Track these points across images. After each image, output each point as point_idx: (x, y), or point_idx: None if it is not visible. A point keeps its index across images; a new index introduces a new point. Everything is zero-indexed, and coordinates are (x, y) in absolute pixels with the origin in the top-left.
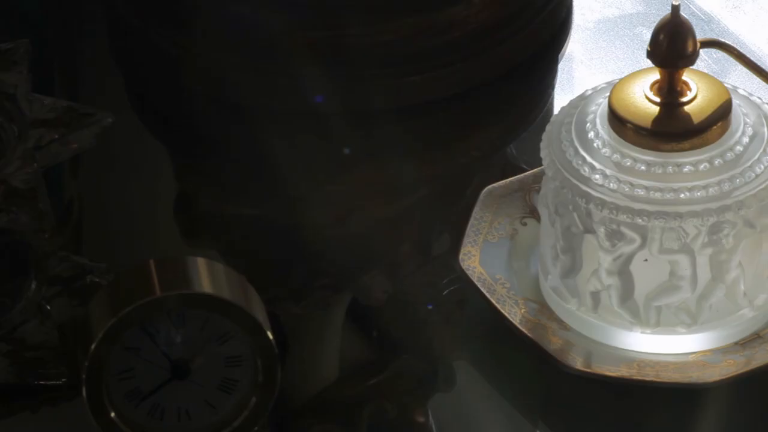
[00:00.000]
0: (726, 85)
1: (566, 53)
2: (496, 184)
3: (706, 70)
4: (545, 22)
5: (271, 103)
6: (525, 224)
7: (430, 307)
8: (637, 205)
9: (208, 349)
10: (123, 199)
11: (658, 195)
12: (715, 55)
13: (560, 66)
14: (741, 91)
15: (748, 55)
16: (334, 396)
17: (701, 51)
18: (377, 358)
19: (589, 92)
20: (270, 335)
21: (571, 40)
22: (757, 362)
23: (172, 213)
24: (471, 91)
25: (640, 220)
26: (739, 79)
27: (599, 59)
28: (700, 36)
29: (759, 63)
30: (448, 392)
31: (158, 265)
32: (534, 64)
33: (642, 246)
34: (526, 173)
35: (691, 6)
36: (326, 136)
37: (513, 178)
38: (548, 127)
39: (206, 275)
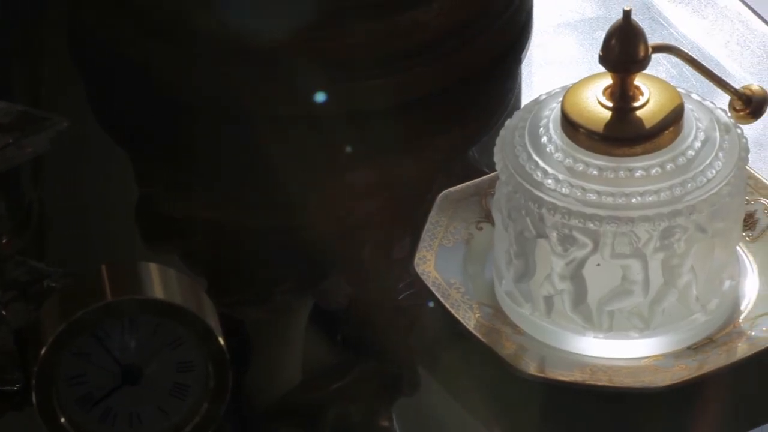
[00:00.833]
0: (679, 89)
1: (528, 57)
2: (452, 189)
3: (665, 74)
4: (506, 26)
5: (231, 106)
6: (481, 229)
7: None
8: (588, 210)
9: (159, 354)
10: (84, 204)
11: (609, 200)
12: (674, 59)
13: (522, 70)
14: (694, 96)
15: (699, 60)
16: (299, 400)
17: (661, 55)
18: (341, 361)
19: (543, 97)
20: (221, 341)
21: (532, 44)
22: (709, 366)
23: (133, 218)
24: (432, 95)
25: (591, 225)
26: (699, 83)
27: (560, 63)
28: (657, 40)
29: (710, 67)
30: (412, 396)
31: (110, 270)
32: (495, 68)
33: (594, 251)
34: (482, 177)
35: (650, 10)
36: (288, 139)
37: (469, 182)
38: (502, 132)
39: (158, 281)
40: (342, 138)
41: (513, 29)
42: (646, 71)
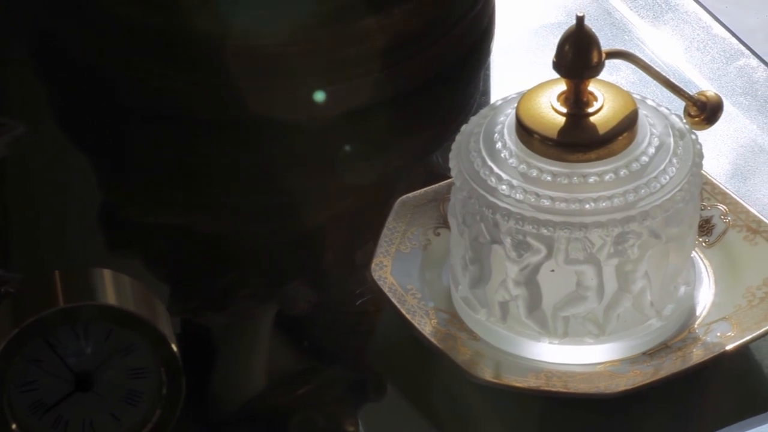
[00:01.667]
0: (634, 95)
1: (492, 62)
2: (410, 194)
3: (625, 80)
4: (467, 31)
5: (192, 112)
6: (438, 234)
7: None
8: (542, 216)
9: (112, 361)
10: (47, 210)
11: (563, 205)
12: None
13: (483, 75)
14: (649, 102)
15: (658, 65)
16: (263, 405)
17: (622, 60)
18: (306, 367)
19: (499, 102)
20: (174, 347)
21: (495, 49)
22: (664, 372)
23: (96, 223)
24: (393, 100)
25: (545, 231)
26: (660, 88)
27: (524, 68)
28: (619, 46)
29: (670, 73)
30: (378, 402)
31: (63, 276)
32: (457, 73)
33: (548, 256)
34: (440, 183)
35: (611, 15)
36: (248, 145)
37: (427, 188)
38: (458, 137)
39: (111, 287)
40: (302, 143)
41: (474, 34)
42: (601, 77)
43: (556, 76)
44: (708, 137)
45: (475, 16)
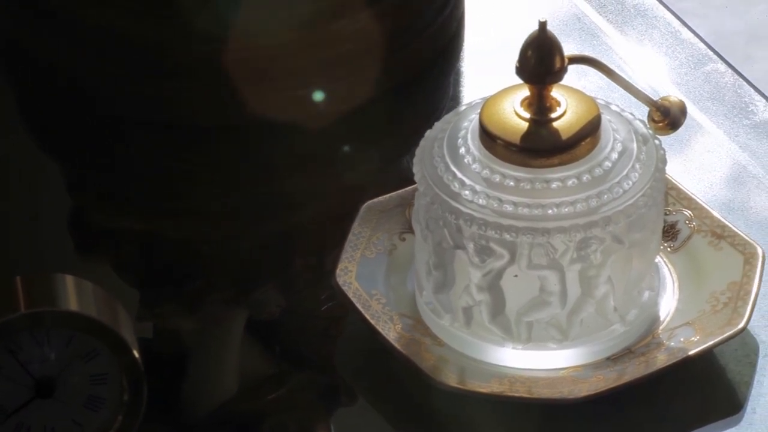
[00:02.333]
0: (598, 100)
1: (459, 67)
2: (375, 200)
3: (593, 85)
4: (436, 36)
5: (159, 117)
6: (404, 239)
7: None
8: (505, 221)
9: (73, 366)
10: (15, 216)
11: (526, 211)
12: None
13: (453, 79)
14: (613, 107)
15: (625, 71)
16: (233, 411)
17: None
18: (277, 372)
19: (463, 107)
20: (136, 354)
21: (464, 54)
22: (628, 377)
23: (65, 228)
24: (362, 105)
25: (508, 236)
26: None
27: (494, 73)
28: (588, 52)
29: (639, 78)
30: (349, 406)
31: (25, 281)
32: (425, 79)
33: (511, 262)
34: (406, 188)
35: (581, 21)
36: (219, 150)
37: (393, 193)
38: (422, 143)
39: (73, 293)
40: (272, 148)
41: (443, 38)
42: (569, 82)
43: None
44: (674, 142)
45: (443, 20)
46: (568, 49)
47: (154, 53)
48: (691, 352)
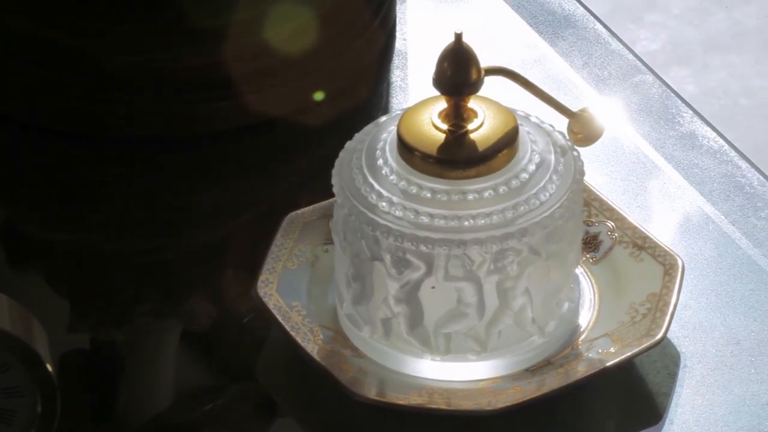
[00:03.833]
0: (518, 112)
1: (390, 79)
2: (299, 211)
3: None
4: (366, 47)
5: (87, 129)
6: (326, 251)
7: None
8: (421, 233)
9: None
10: None
11: (442, 222)
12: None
13: (385, 90)
14: (533, 118)
15: (553, 81)
16: (168, 423)
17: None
18: (213, 383)
19: (383, 119)
20: (49, 367)
21: (397, 65)
22: (546, 388)
23: None
24: (293, 115)
25: (424, 248)
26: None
27: (426, 84)
28: (518, 62)
29: (568, 89)
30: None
31: None
32: (357, 89)
33: (428, 273)
34: (330, 199)
35: (512, 31)
36: (143, 162)
37: (316, 204)
38: (341, 154)
39: None
40: (198, 159)
41: (373, 51)
42: (500, 92)
43: None
44: (600, 153)
45: (373, 32)
46: (498, 60)
47: (79, 64)
48: (609, 364)
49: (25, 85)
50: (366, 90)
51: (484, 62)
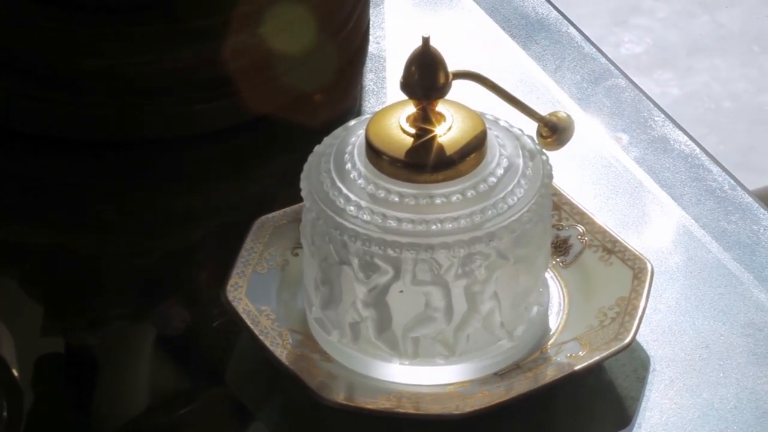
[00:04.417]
0: (487, 116)
1: (363, 82)
2: (269, 215)
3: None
4: (339, 49)
5: (59, 132)
6: (297, 255)
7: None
8: (389, 237)
9: None
10: None
11: (409, 226)
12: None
13: (359, 93)
14: (502, 122)
15: (522, 85)
16: (141, 427)
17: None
18: (186, 388)
19: (352, 123)
20: (15, 372)
21: (368, 70)
22: (515, 392)
23: None
24: (266, 119)
25: (392, 252)
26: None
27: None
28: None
29: (540, 93)
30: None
31: None
32: (331, 92)
33: (396, 277)
34: (300, 204)
35: (484, 34)
36: (115, 165)
37: (287, 208)
38: (310, 158)
39: None
40: (172, 162)
41: (346, 54)
42: (474, 96)
43: None
44: (573, 157)
45: (346, 35)
46: (471, 63)
47: (47, 67)
48: (577, 368)
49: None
50: (339, 93)
51: (456, 66)
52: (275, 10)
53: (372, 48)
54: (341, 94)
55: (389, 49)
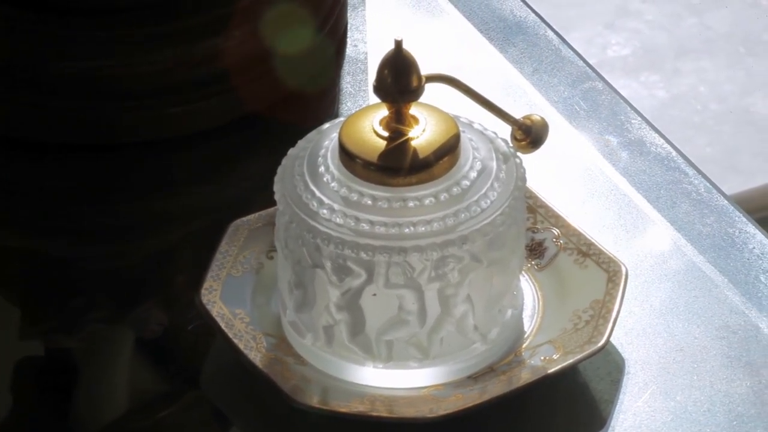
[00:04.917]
0: (461, 119)
1: (341, 84)
2: (244, 218)
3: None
4: (317, 52)
5: (34, 135)
6: (272, 258)
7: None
8: (362, 240)
9: None
10: None
11: (382, 230)
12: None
13: (337, 95)
14: (476, 125)
15: (498, 89)
16: (119, 429)
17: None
18: (163, 391)
19: (326, 126)
20: None
21: (345, 72)
22: (488, 395)
23: None
24: (242, 121)
25: (364, 255)
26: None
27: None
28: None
29: (517, 96)
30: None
31: None
32: (307, 94)
33: (369, 281)
34: (275, 207)
35: (462, 37)
36: (93, 168)
37: (262, 212)
38: (284, 161)
39: None
40: (148, 165)
41: (322, 57)
42: (449, 98)
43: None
44: (549, 160)
45: (323, 38)
46: (448, 66)
47: (23, 70)
48: (551, 371)
49: None
50: (316, 96)
51: (433, 69)
52: (251, 13)
53: (350, 51)
54: (318, 97)
55: (368, 52)
